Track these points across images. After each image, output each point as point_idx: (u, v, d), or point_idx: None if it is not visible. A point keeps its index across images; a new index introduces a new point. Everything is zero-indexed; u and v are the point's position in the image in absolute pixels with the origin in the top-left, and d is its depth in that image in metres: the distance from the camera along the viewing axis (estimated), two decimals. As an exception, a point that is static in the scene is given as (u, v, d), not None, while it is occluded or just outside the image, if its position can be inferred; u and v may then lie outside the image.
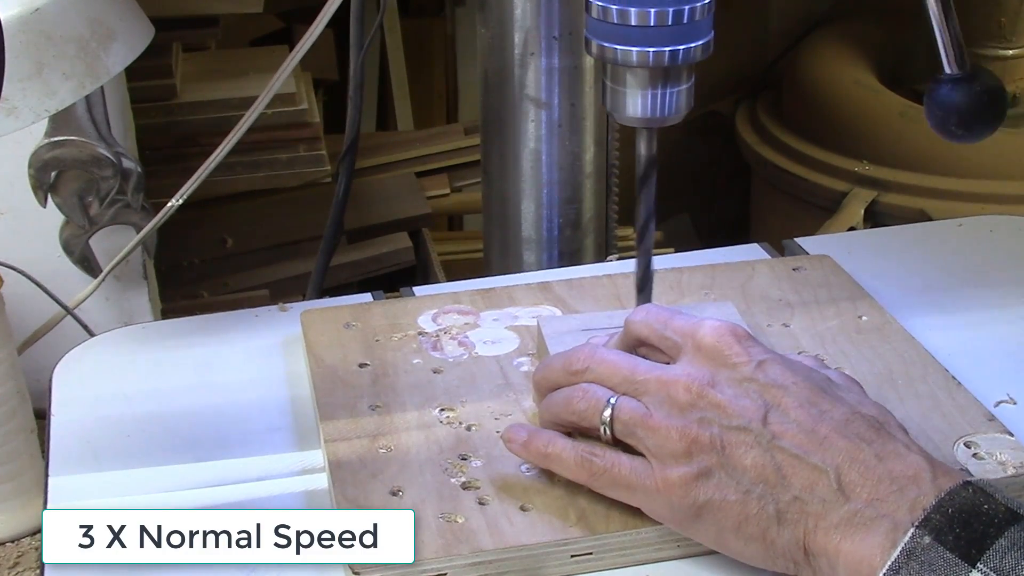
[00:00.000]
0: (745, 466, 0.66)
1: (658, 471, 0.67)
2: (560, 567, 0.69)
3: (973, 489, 0.62)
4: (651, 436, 0.68)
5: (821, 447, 0.65)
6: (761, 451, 0.65)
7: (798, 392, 0.67)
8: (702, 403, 0.67)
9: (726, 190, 2.45)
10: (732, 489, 0.66)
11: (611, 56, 0.75)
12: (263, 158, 1.63)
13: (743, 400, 0.67)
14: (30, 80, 0.80)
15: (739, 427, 0.66)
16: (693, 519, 0.67)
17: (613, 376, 0.71)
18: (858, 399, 0.70)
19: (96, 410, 0.85)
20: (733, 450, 0.66)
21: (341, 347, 0.88)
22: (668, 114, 0.78)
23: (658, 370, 0.70)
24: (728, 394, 0.67)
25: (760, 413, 0.66)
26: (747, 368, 0.68)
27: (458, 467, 0.75)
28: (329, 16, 0.96)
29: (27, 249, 1.09)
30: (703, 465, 0.66)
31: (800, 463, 0.65)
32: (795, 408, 0.66)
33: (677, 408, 0.68)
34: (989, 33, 2.10)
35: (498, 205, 1.18)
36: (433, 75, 2.44)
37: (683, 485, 0.66)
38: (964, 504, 0.61)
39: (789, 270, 0.97)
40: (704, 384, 0.68)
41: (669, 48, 0.74)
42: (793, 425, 0.66)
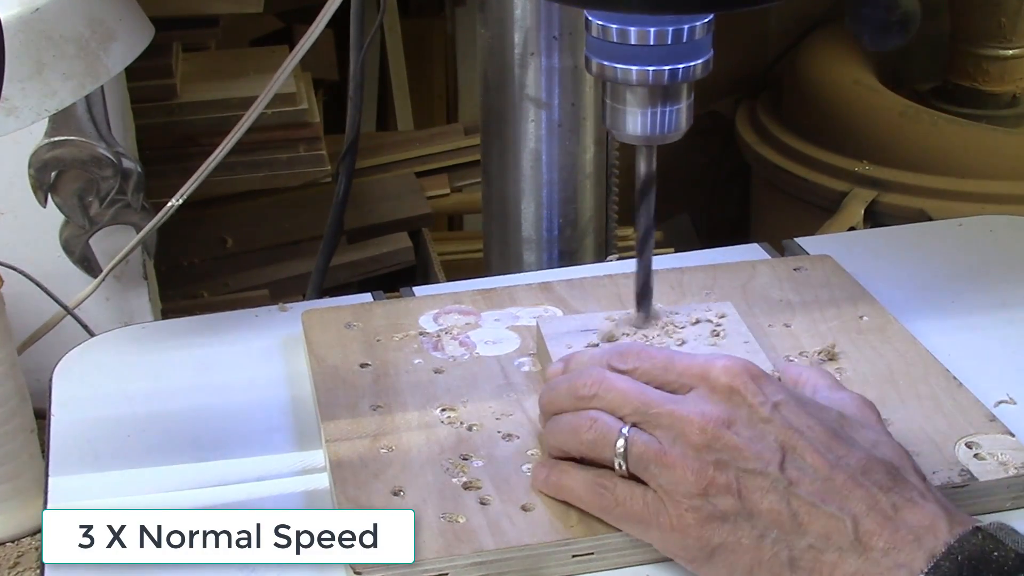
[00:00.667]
0: (761, 511, 0.65)
1: (672, 510, 0.66)
2: (561, 567, 0.69)
3: (983, 535, 0.62)
4: (665, 474, 0.67)
5: (838, 495, 0.64)
6: (778, 497, 0.65)
7: (814, 436, 0.66)
8: (718, 444, 0.66)
9: (726, 190, 2.45)
10: (747, 533, 0.65)
11: (611, 75, 0.76)
12: (263, 158, 1.63)
13: (760, 443, 0.66)
14: (30, 80, 0.80)
15: (756, 471, 0.65)
16: (706, 559, 0.66)
17: (624, 405, 0.69)
18: (874, 439, 0.68)
19: (96, 410, 0.85)
20: (750, 494, 0.65)
21: (342, 347, 0.88)
22: (667, 132, 0.78)
23: (671, 404, 0.68)
24: (745, 437, 0.66)
25: (777, 457, 0.65)
26: (764, 410, 0.67)
27: (459, 467, 0.75)
28: (329, 16, 0.96)
29: (27, 249, 1.09)
30: (719, 507, 0.65)
31: (816, 511, 0.64)
32: (811, 453, 0.66)
33: (692, 447, 0.66)
34: (989, 33, 2.10)
35: (498, 205, 1.18)
36: (433, 75, 2.45)
37: (698, 526, 0.66)
38: (974, 551, 0.61)
39: (790, 270, 0.97)
40: (720, 425, 0.66)
41: (668, 67, 0.75)
42: (810, 471, 0.65)
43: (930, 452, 0.75)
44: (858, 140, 2.04)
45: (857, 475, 0.65)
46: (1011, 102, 2.13)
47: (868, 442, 0.68)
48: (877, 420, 0.72)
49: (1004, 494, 0.73)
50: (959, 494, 0.72)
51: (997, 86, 2.12)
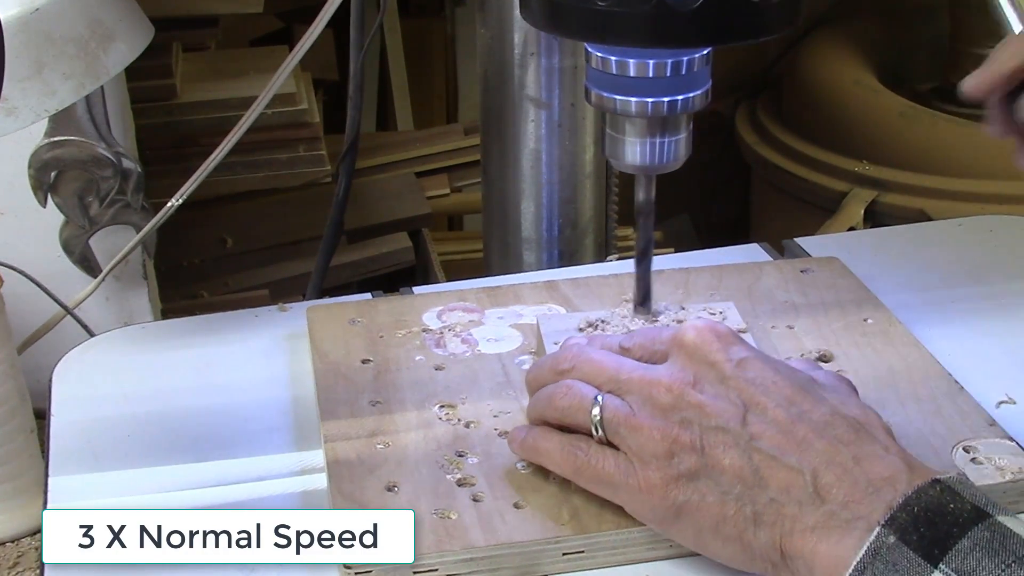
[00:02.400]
0: (724, 467, 0.66)
1: (640, 471, 0.68)
2: (552, 565, 0.69)
3: (941, 487, 0.62)
4: (633, 436, 0.68)
5: (798, 448, 0.65)
6: (739, 452, 0.65)
7: (777, 392, 0.67)
8: (683, 404, 0.68)
9: (726, 190, 2.45)
10: (711, 490, 0.66)
11: (610, 105, 0.77)
12: (263, 158, 1.63)
13: (722, 400, 0.67)
14: (30, 80, 0.80)
15: (718, 427, 0.66)
16: (673, 519, 0.67)
17: (599, 375, 0.72)
18: (841, 400, 0.69)
19: (96, 410, 0.85)
20: (712, 451, 0.66)
21: (345, 343, 0.88)
22: (666, 162, 0.79)
23: (642, 370, 0.71)
24: (708, 394, 0.68)
25: (739, 413, 0.66)
26: (727, 367, 0.68)
27: (454, 463, 0.75)
28: (329, 16, 0.96)
29: (27, 249, 1.09)
30: (684, 466, 0.66)
31: (777, 464, 0.65)
32: (773, 408, 0.66)
33: (659, 409, 0.68)
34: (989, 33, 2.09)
35: (498, 205, 1.18)
36: (433, 75, 2.45)
37: (663, 486, 0.67)
38: (930, 503, 0.61)
39: (797, 272, 0.97)
40: (685, 384, 0.68)
41: (668, 98, 0.76)
42: (771, 426, 0.66)
43: (927, 456, 0.74)
44: (858, 140, 2.05)
45: (819, 428, 0.65)
46: (1011, 102, 2.13)
47: (836, 401, 0.68)
48: (850, 390, 0.72)
49: (1001, 499, 0.72)
50: (955, 497, 0.72)
51: (997, 86, 2.11)
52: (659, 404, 0.68)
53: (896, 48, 2.27)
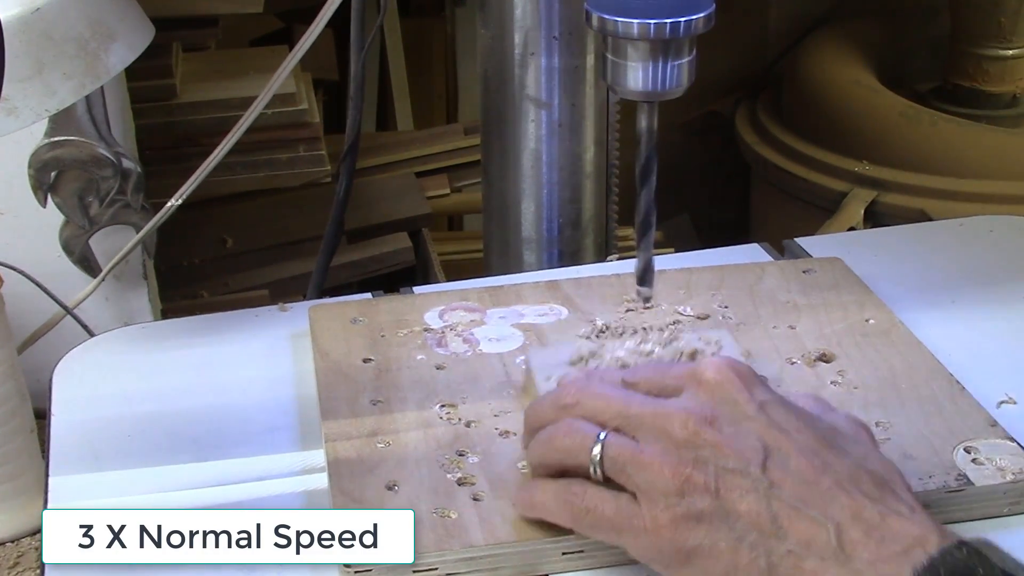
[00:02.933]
0: (740, 512, 0.62)
1: (647, 510, 0.64)
2: (551, 564, 0.69)
3: (968, 551, 0.59)
4: (642, 472, 0.64)
5: (823, 500, 0.62)
6: (757, 497, 0.62)
7: (801, 439, 0.64)
8: (699, 440, 0.64)
9: (726, 190, 2.45)
10: (724, 535, 0.62)
11: (612, 28, 0.74)
12: (263, 158, 1.63)
13: (742, 441, 0.63)
14: (30, 80, 0.80)
15: (736, 470, 0.63)
16: (680, 563, 0.63)
17: (605, 410, 0.67)
18: (864, 452, 0.66)
19: (96, 410, 0.85)
20: (728, 494, 0.62)
21: (346, 342, 0.88)
22: (669, 87, 0.76)
23: (653, 404, 0.66)
24: (727, 433, 0.64)
25: (759, 457, 0.63)
26: (749, 407, 0.65)
27: (455, 463, 0.75)
28: (329, 16, 0.96)
29: (27, 249, 1.09)
30: (696, 507, 0.63)
31: (798, 515, 0.61)
32: (797, 455, 0.63)
33: (672, 444, 0.64)
34: (989, 33, 2.10)
35: (498, 205, 1.18)
36: (433, 75, 2.45)
37: (673, 526, 0.63)
38: (957, 566, 0.58)
39: (799, 272, 0.97)
40: (702, 421, 0.64)
41: (670, 20, 0.74)
42: (793, 474, 0.62)
43: (928, 456, 0.74)
44: (858, 140, 2.05)
45: (844, 481, 0.62)
46: (1011, 102, 2.13)
47: (858, 454, 0.65)
48: (870, 440, 0.69)
49: (1001, 500, 0.73)
50: (955, 499, 0.72)
51: (997, 86, 2.12)
52: (672, 439, 0.64)
53: (896, 48, 2.27)
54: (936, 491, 0.72)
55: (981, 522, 0.72)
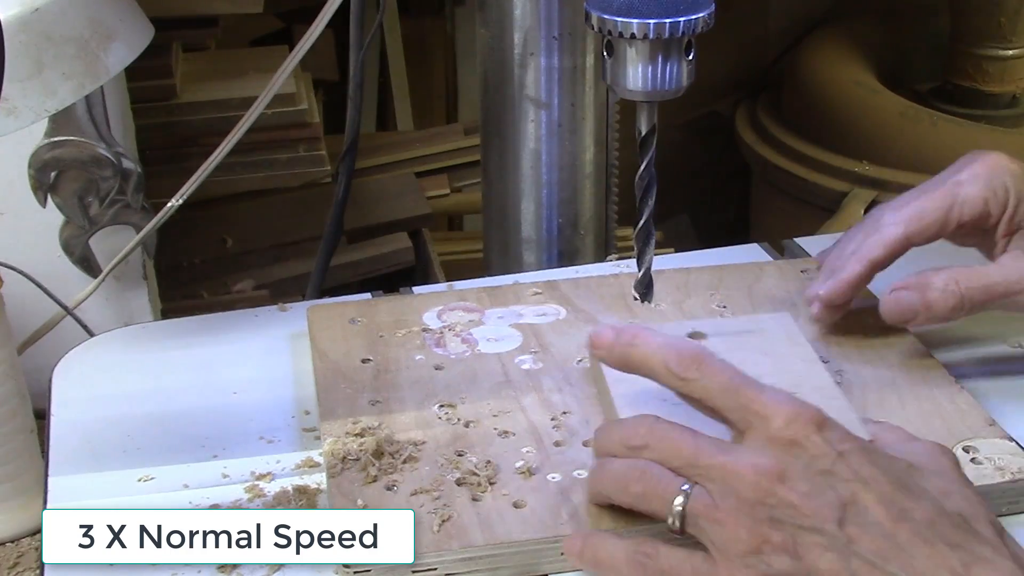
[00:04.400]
0: (820, 571, 0.61)
1: (724, 570, 0.63)
2: (551, 564, 0.69)
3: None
4: (716, 530, 0.63)
5: (902, 554, 0.60)
6: (837, 556, 0.61)
7: (878, 488, 0.62)
8: (772, 500, 0.62)
9: (726, 190, 2.45)
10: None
11: (611, 28, 0.75)
12: (263, 158, 1.63)
13: (818, 498, 0.62)
14: (30, 80, 0.80)
15: (813, 528, 0.62)
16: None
17: (674, 458, 0.66)
18: (944, 488, 0.64)
19: (96, 410, 0.85)
20: (807, 553, 0.61)
21: (345, 342, 0.88)
22: (669, 87, 0.76)
23: (723, 455, 0.64)
24: (801, 491, 0.62)
25: (836, 514, 0.61)
26: (825, 461, 0.63)
27: (454, 463, 0.75)
28: (329, 16, 0.96)
29: (27, 249, 1.09)
30: (774, 567, 0.62)
31: (878, 572, 0.60)
32: (875, 506, 0.62)
33: (745, 503, 0.63)
34: (989, 33, 2.10)
35: (498, 205, 1.18)
36: (433, 75, 2.44)
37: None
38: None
39: (797, 272, 0.97)
40: (774, 480, 0.62)
41: (670, 19, 0.74)
42: (872, 527, 0.61)
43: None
44: (858, 140, 2.04)
45: (923, 530, 0.61)
46: (1011, 102, 2.13)
47: (938, 491, 0.64)
48: (952, 467, 0.67)
49: (1000, 499, 0.73)
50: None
51: (997, 86, 2.12)
52: (744, 498, 0.63)
53: (896, 48, 2.27)
54: (935, 491, 0.72)
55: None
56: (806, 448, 0.63)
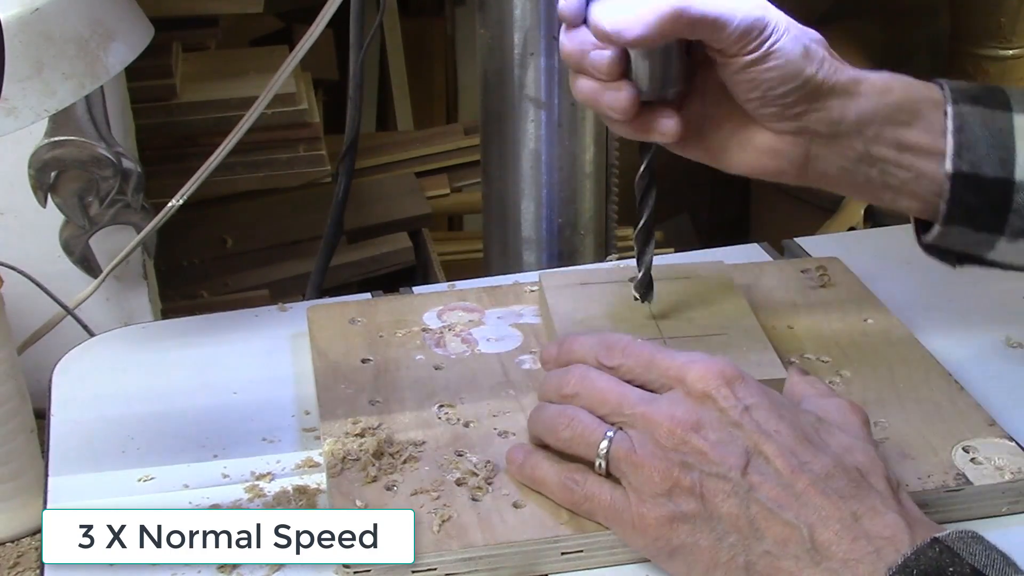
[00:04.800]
0: (721, 514, 0.65)
1: (636, 507, 0.68)
2: (551, 564, 0.70)
3: (940, 548, 0.61)
4: (635, 472, 0.68)
5: (797, 502, 0.64)
6: (738, 501, 0.65)
7: (781, 440, 0.66)
8: (685, 448, 0.67)
9: (726, 190, 2.45)
10: (706, 535, 0.66)
11: None
12: (263, 158, 1.63)
13: (726, 447, 0.66)
14: (30, 80, 0.80)
15: (719, 475, 0.66)
16: (666, 557, 0.68)
17: (601, 405, 0.71)
18: (847, 444, 0.68)
19: (96, 410, 0.85)
20: (711, 497, 0.66)
21: (345, 342, 0.88)
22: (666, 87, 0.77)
23: (644, 405, 0.69)
24: (711, 440, 0.67)
25: (741, 462, 0.66)
26: (734, 413, 0.67)
27: (453, 463, 0.75)
28: (329, 16, 0.96)
29: (27, 249, 1.09)
30: (681, 509, 0.66)
31: (774, 518, 0.64)
32: (776, 457, 0.65)
33: (660, 448, 0.67)
34: (989, 33, 2.10)
35: (498, 205, 1.18)
36: (433, 75, 2.44)
37: (659, 526, 0.67)
38: (930, 565, 0.60)
39: (797, 272, 0.97)
40: (688, 428, 0.67)
41: None
42: (772, 476, 0.65)
43: (927, 456, 0.75)
44: (858, 140, 2.04)
45: (819, 481, 0.65)
46: (1011, 102, 2.13)
47: (841, 446, 0.67)
48: (861, 425, 0.71)
49: (1000, 499, 0.73)
50: (954, 499, 0.72)
51: (997, 86, 2.12)
52: (660, 444, 0.68)
53: (896, 48, 2.26)
54: (935, 491, 0.72)
55: (980, 522, 0.72)
56: (716, 401, 0.68)
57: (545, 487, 0.72)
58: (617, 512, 0.69)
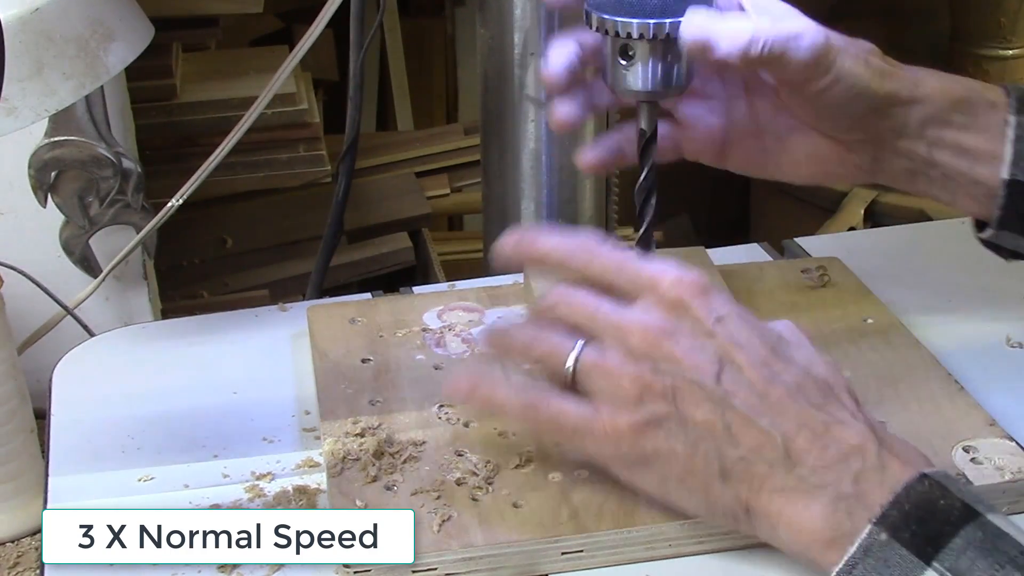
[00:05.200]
0: (696, 420, 0.65)
1: (607, 415, 0.67)
2: (551, 564, 0.69)
3: (930, 483, 0.62)
4: (603, 379, 0.68)
5: (772, 410, 0.65)
6: (713, 407, 0.65)
7: (753, 351, 0.67)
8: (657, 353, 0.67)
9: (726, 190, 2.45)
10: (680, 441, 0.66)
11: (611, 28, 0.74)
12: (263, 158, 1.63)
13: (699, 354, 0.66)
14: (30, 80, 0.80)
15: (693, 381, 0.66)
16: (639, 466, 0.67)
17: (575, 315, 0.70)
18: (809, 358, 0.69)
19: (96, 410, 0.85)
20: (685, 402, 0.66)
21: (345, 342, 0.88)
22: (669, 87, 0.77)
23: (616, 314, 0.69)
24: (684, 347, 0.67)
25: (714, 369, 0.66)
26: (707, 322, 0.67)
27: (453, 463, 0.75)
28: (329, 16, 0.96)
29: (27, 249, 1.09)
30: (654, 413, 0.66)
31: (750, 424, 0.65)
32: (749, 367, 0.66)
33: (631, 354, 0.67)
34: (989, 33, 2.10)
35: (498, 205, 1.18)
36: (433, 75, 2.45)
37: (632, 432, 0.67)
38: (920, 499, 0.62)
39: (797, 272, 0.97)
40: (661, 334, 0.67)
41: (670, 19, 0.74)
42: (746, 385, 0.66)
43: (928, 456, 0.74)
44: (858, 140, 2.04)
45: (792, 391, 0.66)
46: (1011, 103, 2.13)
47: (805, 360, 0.68)
48: (811, 343, 0.71)
49: (1000, 499, 0.73)
50: (955, 497, 0.72)
51: (997, 86, 2.12)
52: (631, 350, 0.67)
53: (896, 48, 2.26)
54: (935, 491, 0.72)
55: (980, 522, 0.72)
56: (689, 310, 0.68)
57: (504, 410, 0.71)
58: (586, 423, 0.68)
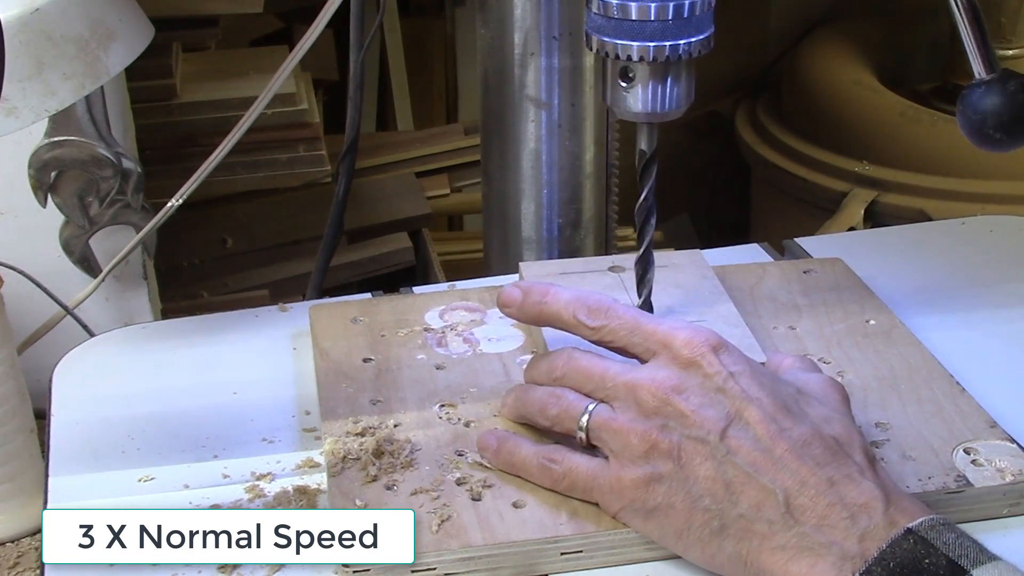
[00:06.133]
0: (698, 477, 0.66)
1: (614, 470, 0.69)
2: (551, 564, 0.70)
3: (915, 540, 0.62)
4: (614, 438, 0.69)
5: (774, 467, 0.65)
6: (715, 464, 0.66)
7: (762, 407, 0.67)
8: (666, 410, 0.68)
9: (726, 190, 2.45)
10: (681, 497, 0.67)
11: (612, 51, 0.75)
12: (263, 158, 1.63)
13: (707, 411, 0.67)
14: (30, 80, 0.80)
15: (697, 438, 0.67)
16: (642, 519, 0.68)
17: (587, 382, 0.72)
18: (825, 415, 0.69)
19: (96, 410, 0.85)
20: (689, 460, 0.67)
21: (347, 341, 0.88)
22: (669, 109, 0.77)
23: (627, 374, 0.71)
24: (694, 403, 0.68)
25: (720, 426, 0.67)
26: (718, 379, 0.68)
27: (454, 463, 0.75)
28: (329, 16, 0.96)
29: (27, 249, 1.09)
30: (657, 470, 0.67)
31: (750, 481, 0.65)
32: (757, 423, 0.66)
33: (642, 412, 0.69)
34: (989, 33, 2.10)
35: (498, 205, 1.18)
36: (433, 75, 2.45)
37: (635, 487, 0.68)
38: (905, 558, 0.61)
39: (799, 272, 0.97)
40: (669, 390, 0.68)
41: (670, 43, 0.74)
42: (751, 440, 0.66)
43: (927, 457, 0.74)
44: (858, 140, 2.05)
45: (798, 448, 0.66)
46: (1011, 103, 2.13)
47: (820, 416, 0.68)
48: (840, 400, 0.72)
49: (1000, 501, 0.73)
50: (954, 500, 0.72)
51: (997, 86, 2.12)
52: (641, 407, 0.69)
53: (896, 48, 2.27)
54: (935, 492, 0.72)
55: (981, 524, 0.72)
56: (701, 367, 0.69)
57: (524, 471, 0.73)
58: (595, 478, 0.69)
